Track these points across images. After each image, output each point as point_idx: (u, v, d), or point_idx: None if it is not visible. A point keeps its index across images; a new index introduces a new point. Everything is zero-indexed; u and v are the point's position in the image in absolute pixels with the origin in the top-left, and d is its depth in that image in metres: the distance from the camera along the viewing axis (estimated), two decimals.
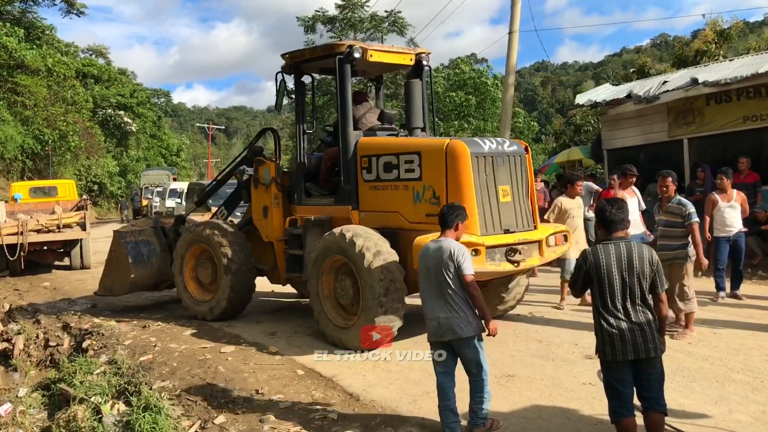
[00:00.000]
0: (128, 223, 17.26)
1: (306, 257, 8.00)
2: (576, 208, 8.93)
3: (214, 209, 11.06)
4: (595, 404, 5.21)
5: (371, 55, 8.10)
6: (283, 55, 8.70)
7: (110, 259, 10.52)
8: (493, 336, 4.69)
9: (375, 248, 6.91)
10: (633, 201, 8.54)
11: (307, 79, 9.12)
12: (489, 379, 4.77)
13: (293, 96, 8.97)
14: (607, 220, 4.24)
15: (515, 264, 7.02)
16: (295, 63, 8.64)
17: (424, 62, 8.74)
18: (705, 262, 7.56)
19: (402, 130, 8.74)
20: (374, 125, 8.57)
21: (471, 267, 4.64)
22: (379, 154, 7.68)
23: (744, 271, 9.59)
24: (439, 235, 4.96)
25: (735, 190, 9.09)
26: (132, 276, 10.02)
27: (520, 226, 7.32)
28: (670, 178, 7.47)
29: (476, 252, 6.58)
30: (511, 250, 7.01)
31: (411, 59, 8.68)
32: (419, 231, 6.77)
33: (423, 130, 8.50)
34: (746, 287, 9.58)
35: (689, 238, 7.25)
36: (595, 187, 12.53)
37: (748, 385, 5.61)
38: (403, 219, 7.36)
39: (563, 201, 8.93)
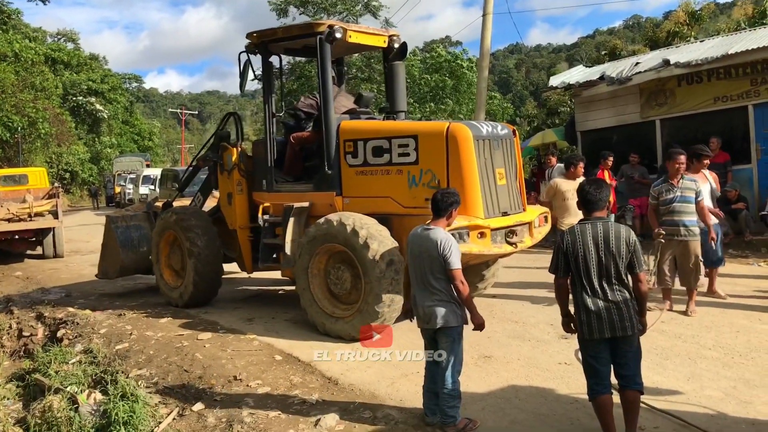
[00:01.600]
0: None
1: (290, 245, 7.72)
2: (572, 190, 8.82)
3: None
4: (571, 383, 5.28)
5: (350, 36, 7.96)
6: (249, 35, 8.41)
7: (104, 244, 10.70)
8: (480, 330, 4.65)
9: (378, 237, 6.73)
10: (705, 187, 7.96)
11: (276, 61, 8.95)
12: (462, 371, 4.71)
13: (260, 78, 8.73)
14: (586, 200, 4.30)
15: (514, 245, 7.12)
16: (263, 42, 8.37)
17: (395, 44, 8.63)
18: (715, 236, 7.74)
19: (378, 114, 8.64)
20: (351, 108, 8.41)
21: (458, 261, 4.57)
22: (367, 138, 7.49)
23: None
24: (429, 221, 4.86)
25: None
26: (121, 259, 10.16)
27: (513, 208, 7.42)
28: (684, 156, 7.50)
29: (482, 235, 6.64)
30: (510, 232, 7.11)
31: (384, 41, 8.59)
32: (415, 216, 6.73)
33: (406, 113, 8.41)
34: None
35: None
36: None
37: (719, 362, 5.72)
38: (397, 204, 7.23)
39: (560, 182, 8.65)
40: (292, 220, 7.76)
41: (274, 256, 8.15)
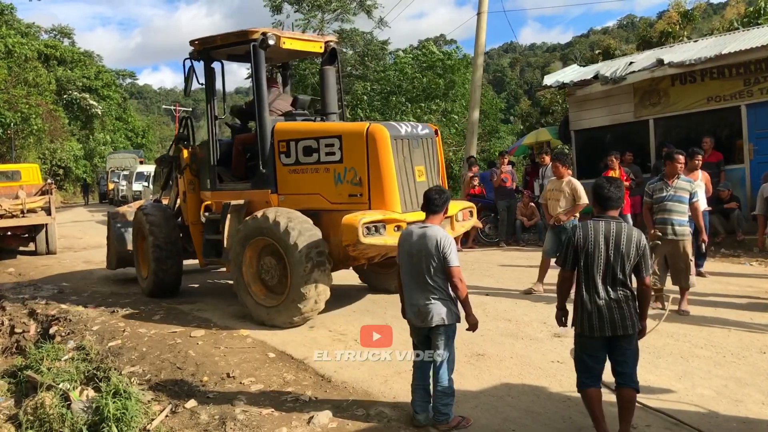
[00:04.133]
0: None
1: (227, 241, 8.15)
2: (555, 190, 8.89)
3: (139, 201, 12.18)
4: (564, 381, 5.30)
5: (284, 42, 8.42)
6: (192, 42, 8.86)
7: (108, 237, 11.59)
8: (473, 330, 4.68)
9: (299, 226, 7.21)
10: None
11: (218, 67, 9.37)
12: (455, 369, 4.71)
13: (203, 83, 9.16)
14: (603, 198, 4.32)
15: None
16: (205, 49, 8.80)
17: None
18: (707, 238, 7.82)
19: (316, 116, 9.00)
20: (288, 111, 8.81)
21: (457, 259, 4.60)
22: (298, 139, 7.91)
23: (707, 248, 9.76)
24: (424, 219, 4.87)
25: (700, 170, 9.23)
26: (117, 251, 11.04)
27: None
28: (683, 157, 7.55)
29: (399, 228, 7.08)
30: None
31: (321, 47, 9.00)
32: (341, 211, 7.23)
33: (338, 115, 8.87)
34: (709, 264, 9.77)
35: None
36: None
37: (710, 360, 5.75)
38: (325, 200, 7.67)
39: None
40: (228, 216, 8.19)
41: (217, 251, 8.61)
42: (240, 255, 7.75)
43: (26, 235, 16.03)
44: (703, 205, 8.99)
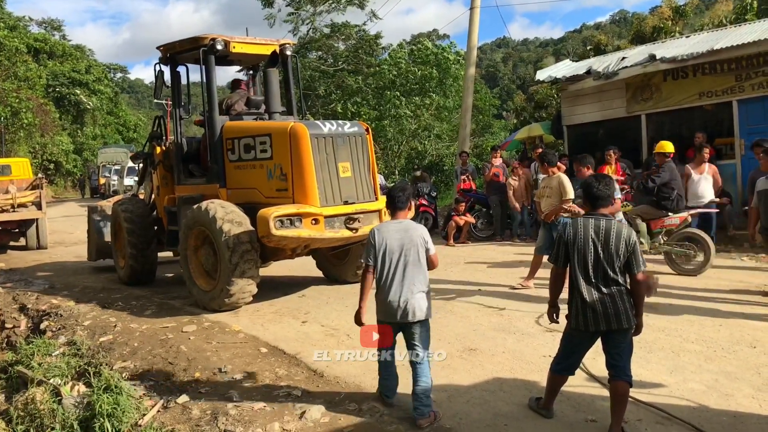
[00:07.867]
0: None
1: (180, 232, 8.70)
2: (546, 187, 8.90)
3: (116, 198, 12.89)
4: None
5: (234, 47, 8.84)
6: (158, 48, 9.44)
7: (88, 230, 12.14)
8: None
9: (228, 217, 7.73)
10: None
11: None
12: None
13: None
14: (593, 196, 4.35)
15: (354, 231, 7.97)
16: (170, 54, 9.37)
17: (288, 52, 9.46)
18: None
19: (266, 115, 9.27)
20: (242, 111, 9.22)
21: (433, 245, 4.80)
22: (240, 137, 8.48)
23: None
24: (391, 217, 4.96)
25: (707, 163, 9.35)
26: (96, 244, 11.62)
27: (360, 198, 8.22)
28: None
29: (315, 221, 7.56)
30: (349, 219, 7.92)
31: (273, 50, 9.40)
32: (273, 204, 7.77)
33: (287, 113, 9.30)
34: None
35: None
36: None
37: (701, 355, 5.77)
38: (260, 194, 8.23)
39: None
40: (183, 208, 8.94)
41: (178, 240, 8.93)
42: (185, 242, 8.38)
43: (17, 230, 15.97)
44: (710, 196, 9.09)
